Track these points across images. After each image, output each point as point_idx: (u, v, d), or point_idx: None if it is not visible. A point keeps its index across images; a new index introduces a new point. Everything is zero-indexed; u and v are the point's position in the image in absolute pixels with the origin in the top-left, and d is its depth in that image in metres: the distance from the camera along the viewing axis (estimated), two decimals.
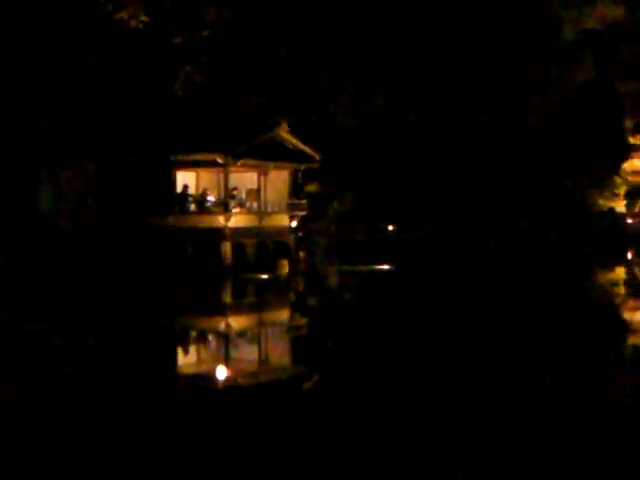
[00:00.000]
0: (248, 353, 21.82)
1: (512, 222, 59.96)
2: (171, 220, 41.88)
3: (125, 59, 44.88)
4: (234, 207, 42.70)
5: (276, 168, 44.50)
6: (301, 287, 38.85)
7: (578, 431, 12.80)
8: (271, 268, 40.78)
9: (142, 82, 45.30)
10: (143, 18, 45.12)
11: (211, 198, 43.41)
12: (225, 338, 23.99)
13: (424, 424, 13.26)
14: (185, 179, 43.60)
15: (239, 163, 41.50)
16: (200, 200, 43.32)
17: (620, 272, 45.75)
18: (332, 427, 13.11)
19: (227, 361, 20.35)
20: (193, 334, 24.67)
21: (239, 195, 44.19)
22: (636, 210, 64.59)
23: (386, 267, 44.72)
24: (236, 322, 27.33)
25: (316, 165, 46.30)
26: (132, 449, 12.00)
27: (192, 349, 22.66)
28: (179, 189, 43.10)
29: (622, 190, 64.55)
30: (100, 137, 42.49)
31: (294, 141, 44.26)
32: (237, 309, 30.80)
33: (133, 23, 45.02)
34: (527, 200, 61.81)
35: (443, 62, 60.35)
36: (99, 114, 43.07)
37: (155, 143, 42.72)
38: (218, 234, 41.28)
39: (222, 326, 26.27)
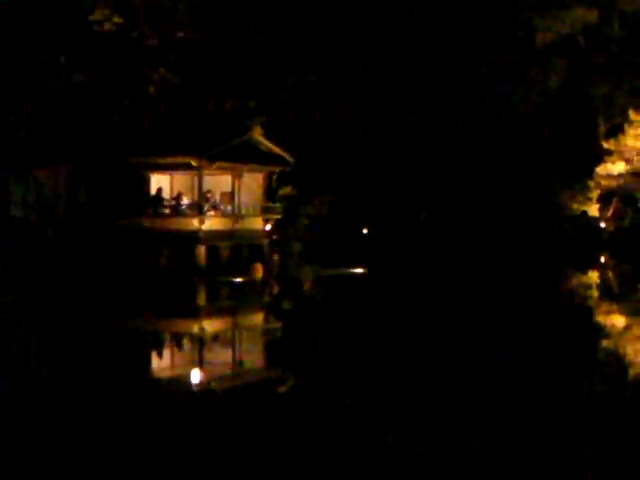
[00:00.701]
0: (222, 356, 21.74)
1: (484, 225, 60.10)
2: (145, 223, 41.75)
3: (99, 61, 44.74)
4: (208, 210, 42.59)
5: (250, 171, 44.42)
6: (275, 290, 38.76)
7: None
8: (245, 271, 40.68)
9: (116, 84, 45.17)
10: (117, 20, 45.00)
11: (186, 201, 43.28)
12: (198, 341, 23.90)
13: (398, 434, 13.26)
14: (159, 182, 43.47)
15: (213, 166, 41.40)
16: (174, 203, 43.18)
17: (593, 276, 45.95)
18: (306, 430, 13.08)
19: (200, 364, 20.26)
20: (166, 337, 24.58)
21: (213, 198, 44.08)
22: (609, 214, 64.85)
23: (361, 271, 44.69)
24: (210, 325, 27.23)
25: (290, 168, 46.26)
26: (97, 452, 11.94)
27: (164, 352, 22.55)
28: (153, 192, 42.96)
29: (595, 194, 64.79)
30: (72, 140, 42.29)
31: (268, 144, 44.22)
32: (211, 312, 30.69)
33: (107, 25, 44.89)
34: (500, 204, 61.97)
35: (417, 65, 60.44)
36: (71, 116, 42.87)
37: (129, 146, 42.56)
38: (192, 237, 41.15)
39: (195, 329, 26.17)
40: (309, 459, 11.65)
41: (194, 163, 40.83)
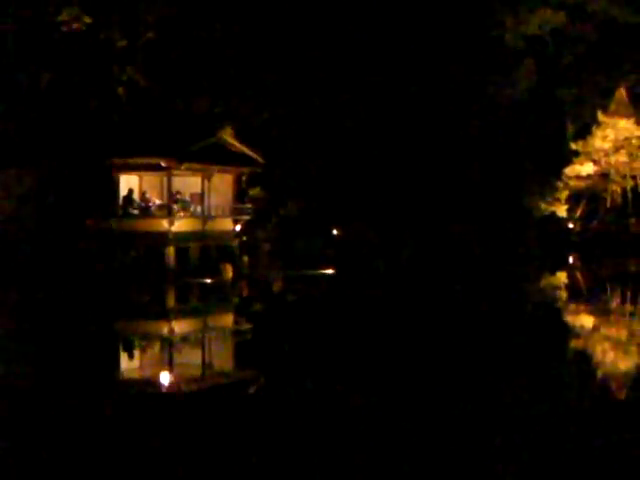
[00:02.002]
0: (191, 358, 21.67)
1: (453, 226, 60.27)
2: (114, 224, 41.53)
3: (67, 61, 44.49)
4: (178, 211, 42.43)
5: (220, 172, 44.27)
6: (244, 292, 38.71)
7: None
8: (215, 272, 40.58)
9: (85, 85, 44.94)
10: (86, 20, 44.74)
11: (158, 201, 43.06)
12: (168, 343, 23.81)
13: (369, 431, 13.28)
14: (128, 182, 43.23)
15: (183, 167, 41.25)
16: (144, 204, 42.96)
17: (562, 276, 46.16)
18: (275, 432, 13.07)
19: (170, 366, 20.18)
20: (135, 339, 24.46)
21: (183, 199, 43.90)
22: (577, 215, 65.21)
23: (330, 271, 44.72)
24: (179, 327, 27.15)
25: (260, 169, 46.16)
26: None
27: (133, 355, 22.45)
28: (123, 193, 42.73)
29: (564, 195, 65.13)
30: (41, 140, 42.03)
31: (238, 145, 44.10)
32: (180, 314, 30.59)
33: (75, 25, 44.62)
34: (469, 204, 62.17)
35: (387, 66, 60.53)
36: (39, 117, 42.61)
37: (98, 146, 42.33)
38: (162, 238, 40.98)
39: (165, 331, 26.08)
40: (282, 459, 11.64)
41: (163, 164, 40.66)
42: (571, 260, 55.69)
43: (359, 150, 60.26)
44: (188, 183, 43.95)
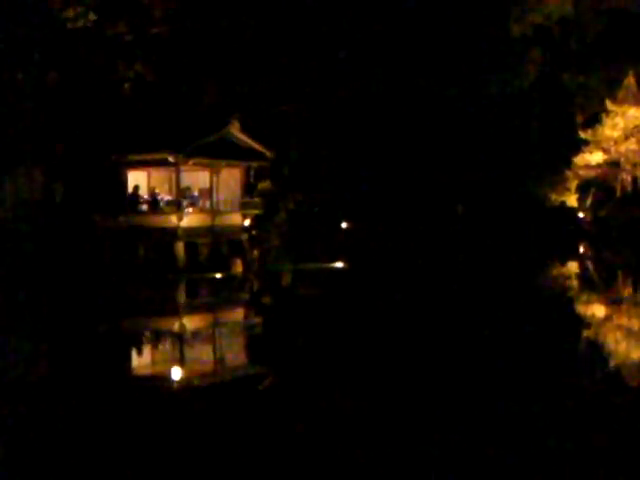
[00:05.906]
0: (202, 353, 21.62)
1: (463, 216, 60.19)
2: (123, 220, 41.53)
3: (74, 58, 44.46)
4: (187, 206, 42.42)
5: (228, 166, 44.27)
6: (255, 286, 38.66)
7: None
8: (225, 267, 40.54)
9: (91, 81, 44.90)
10: (91, 16, 44.69)
11: (167, 197, 43.06)
12: (179, 338, 23.76)
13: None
14: (137, 178, 43.26)
15: (190, 162, 41.25)
16: (152, 200, 42.97)
17: (573, 266, 46.05)
18: (287, 428, 13.02)
19: (181, 362, 20.13)
20: (146, 334, 24.42)
21: (191, 194, 43.90)
22: (587, 204, 65.06)
23: (340, 265, 44.64)
24: (190, 322, 27.11)
25: (268, 163, 46.13)
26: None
27: (145, 350, 22.41)
28: (131, 189, 42.76)
29: (573, 184, 65.03)
30: (48, 137, 42.02)
31: (246, 139, 44.05)
32: (191, 309, 30.57)
33: (81, 22, 44.58)
34: (478, 195, 62.06)
35: (396, 56, 60.42)
36: (46, 114, 42.59)
37: (106, 143, 42.33)
38: (171, 233, 40.98)
39: (175, 326, 26.03)
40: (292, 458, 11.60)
41: (171, 159, 40.65)
42: (582, 249, 55.53)
43: (368, 142, 60.16)
44: (196, 178, 43.97)
